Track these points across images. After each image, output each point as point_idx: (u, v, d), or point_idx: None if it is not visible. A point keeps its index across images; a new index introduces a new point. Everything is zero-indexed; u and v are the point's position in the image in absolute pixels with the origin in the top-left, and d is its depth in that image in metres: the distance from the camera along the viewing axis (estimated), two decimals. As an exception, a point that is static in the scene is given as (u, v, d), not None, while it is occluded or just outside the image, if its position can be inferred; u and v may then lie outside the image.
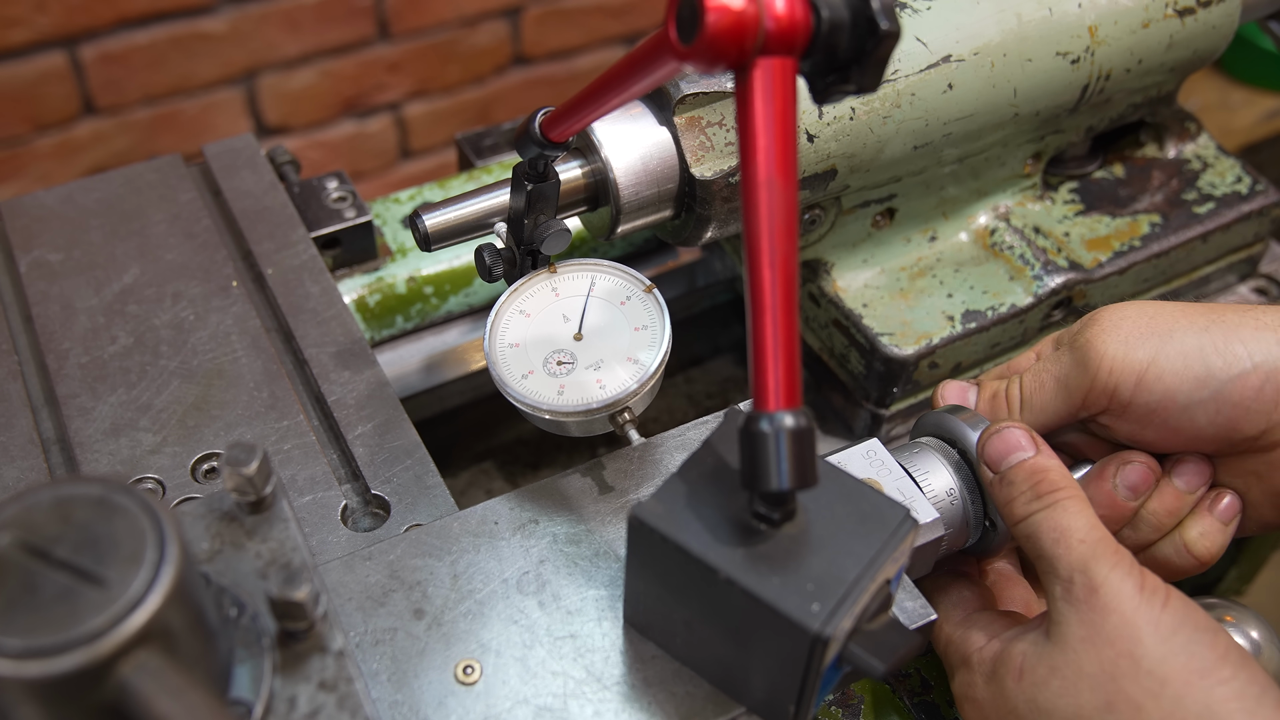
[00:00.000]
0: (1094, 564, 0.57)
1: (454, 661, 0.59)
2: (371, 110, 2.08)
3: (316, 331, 0.81)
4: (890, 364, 0.83)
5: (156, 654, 0.42)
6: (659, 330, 0.69)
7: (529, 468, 1.02)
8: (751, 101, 0.48)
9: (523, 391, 0.67)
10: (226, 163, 0.94)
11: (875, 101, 0.77)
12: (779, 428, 0.50)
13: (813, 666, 0.52)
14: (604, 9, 2.15)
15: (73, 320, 0.81)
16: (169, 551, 0.43)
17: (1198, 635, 0.55)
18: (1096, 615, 0.56)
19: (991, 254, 0.89)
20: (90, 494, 0.44)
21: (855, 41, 0.48)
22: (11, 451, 0.73)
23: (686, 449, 0.69)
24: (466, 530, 0.65)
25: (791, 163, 0.49)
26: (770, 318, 0.50)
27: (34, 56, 1.73)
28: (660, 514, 0.55)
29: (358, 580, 0.62)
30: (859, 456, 0.68)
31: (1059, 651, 0.57)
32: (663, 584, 0.57)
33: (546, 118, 0.65)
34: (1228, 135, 2.24)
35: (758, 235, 0.49)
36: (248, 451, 0.52)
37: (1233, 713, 0.53)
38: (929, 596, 0.67)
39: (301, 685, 0.49)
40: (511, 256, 0.74)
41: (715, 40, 0.46)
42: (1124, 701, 0.54)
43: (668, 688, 0.58)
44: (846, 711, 0.68)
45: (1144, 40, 0.85)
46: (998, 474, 0.64)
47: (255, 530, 0.54)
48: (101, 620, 0.41)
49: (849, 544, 0.54)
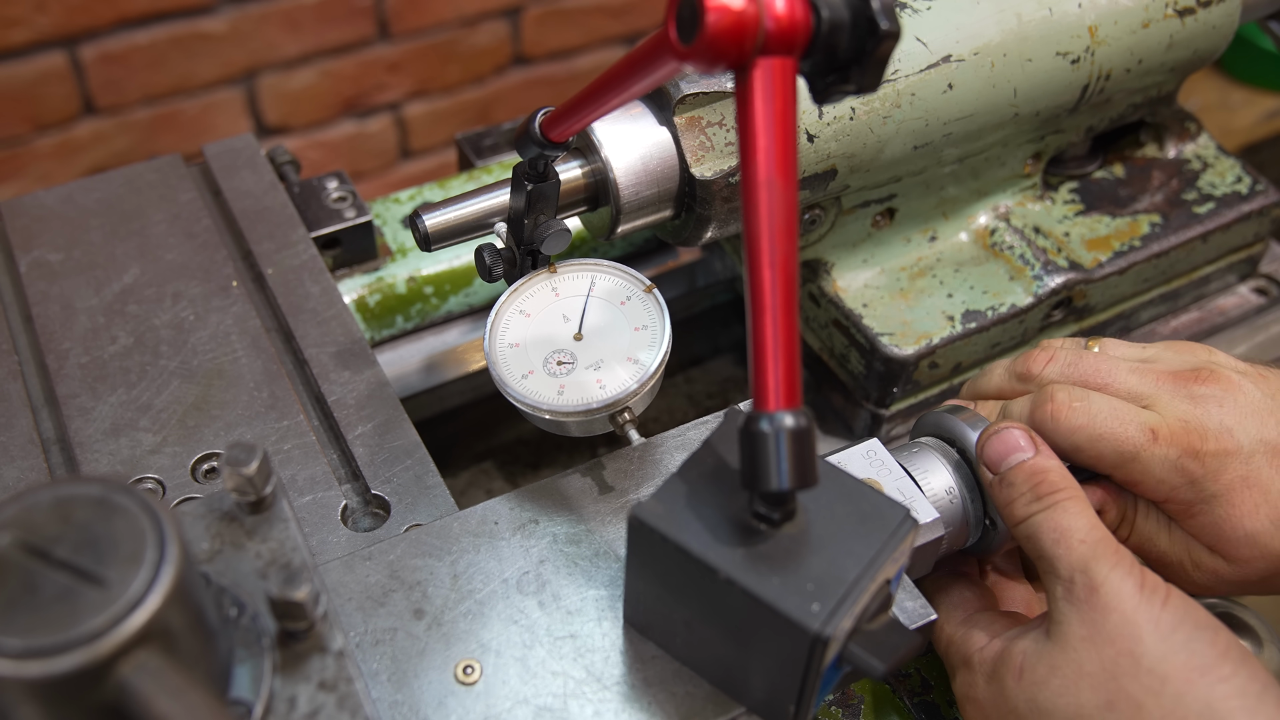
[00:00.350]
0: (1094, 564, 0.57)
1: (454, 661, 0.59)
2: (371, 110, 2.08)
3: (316, 331, 0.81)
4: (890, 364, 0.83)
5: (156, 654, 0.42)
6: (659, 330, 0.69)
7: (529, 468, 1.02)
8: (751, 101, 0.48)
9: (523, 391, 0.67)
10: (226, 163, 0.94)
11: (875, 101, 0.77)
12: (779, 428, 0.50)
13: (813, 666, 0.52)
14: (604, 9, 2.15)
15: (73, 320, 0.81)
16: (169, 551, 0.43)
17: (1198, 633, 0.55)
18: (1097, 614, 0.56)
19: (992, 254, 0.89)
20: (90, 494, 0.44)
21: (855, 41, 0.48)
22: (11, 451, 0.73)
23: (686, 449, 0.69)
24: (466, 530, 0.65)
25: (792, 163, 0.49)
26: (770, 318, 0.50)
27: (34, 56, 1.73)
28: (660, 514, 0.55)
29: (358, 580, 0.62)
30: (859, 456, 0.68)
31: (1059, 651, 0.57)
32: (663, 584, 0.57)
33: (546, 118, 0.65)
34: (1228, 135, 2.24)
35: (758, 235, 0.49)
36: (248, 451, 0.52)
37: (1233, 710, 0.53)
38: (930, 597, 0.67)
39: (301, 685, 0.49)
40: (511, 256, 0.74)
41: (715, 40, 0.46)
42: (1124, 700, 0.54)
43: (668, 688, 0.58)
44: (846, 711, 0.68)
45: (1144, 40, 0.85)
46: (997, 475, 0.64)
47: (255, 530, 0.54)
48: (101, 620, 0.41)
49: (849, 544, 0.54)
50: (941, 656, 0.66)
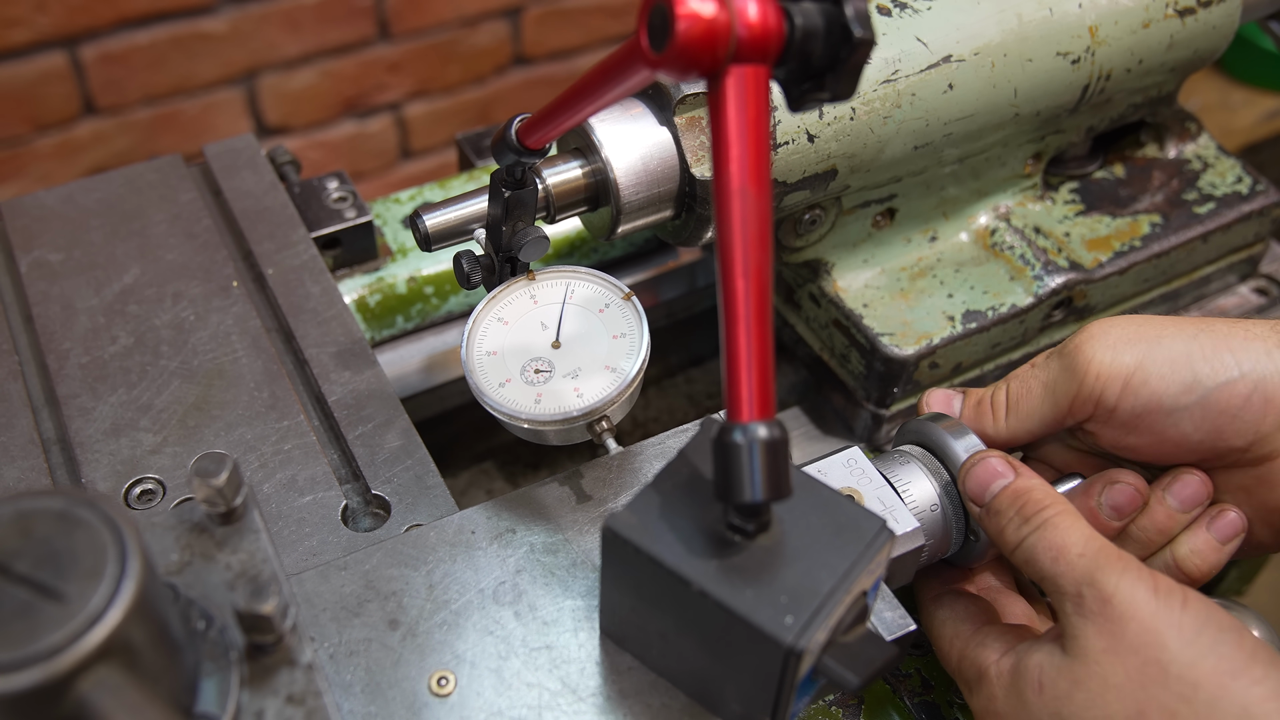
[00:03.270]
0: (1100, 574, 0.56)
1: (428, 673, 0.58)
2: (372, 110, 2.08)
3: (317, 331, 0.81)
4: (891, 364, 0.83)
5: (117, 670, 0.41)
6: (637, 338, 0.68)
7: (529, 468, 1.02)
8: (724, 109, 0.48)
9: (499, 400, 0.66)
10: (227, 163, 0.94)
11: (876, 101, 0.77)
12: (752, 439, 0.49)
13: (787, 679, 0.52)
14: (604, 9, 2.15)
15: (73, 320, 0.81)
16: (130, 566, 0.42)
17: (1223, 635, 0.54)
18: (1115, 625, 0.55)
19: (992, 254, 0.89)
20: (51, 508, 0.44)
21: (830, 49, 0.48)
22: (12, 451, 0.73)
23: (666, 457, 0.68)
24: (443, 540, 0.64)
25: (765, 171, 0.49)
26: (744, 328, 0.49)
27: (34, 56, 1.73)
28: (633, 525, 0.54)
29: (333, 590, 0.62)
30: (839, 465, 0.67)
31: (1080, 664, 0.55)
32: (637, 595, 0.56)
33: (523, 125, 0.64)
34: (1228, 135, 2.24)
35: (731, 245, 0.49)
36: (217, 462, 0.52)
37: (1271, 713, 0.52)
38: (931, 614, 0.66)
39: (269, 699, 0.49)
40: (490, 263, 0.73)
41: (686, 48, 0.46)
42: (1156, 709, 0.53)
43: (644, 699, 0.58)
44: (847, 712, 0.68)
45: (1144, 40, 0.85)
46: (983, 506, 0.63)
47: (226, 541, 0.53)
48: (60, 636, 0.40)
49: (824, 555, 0.53)
50: (953, 675, 0.64)
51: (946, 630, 0.65)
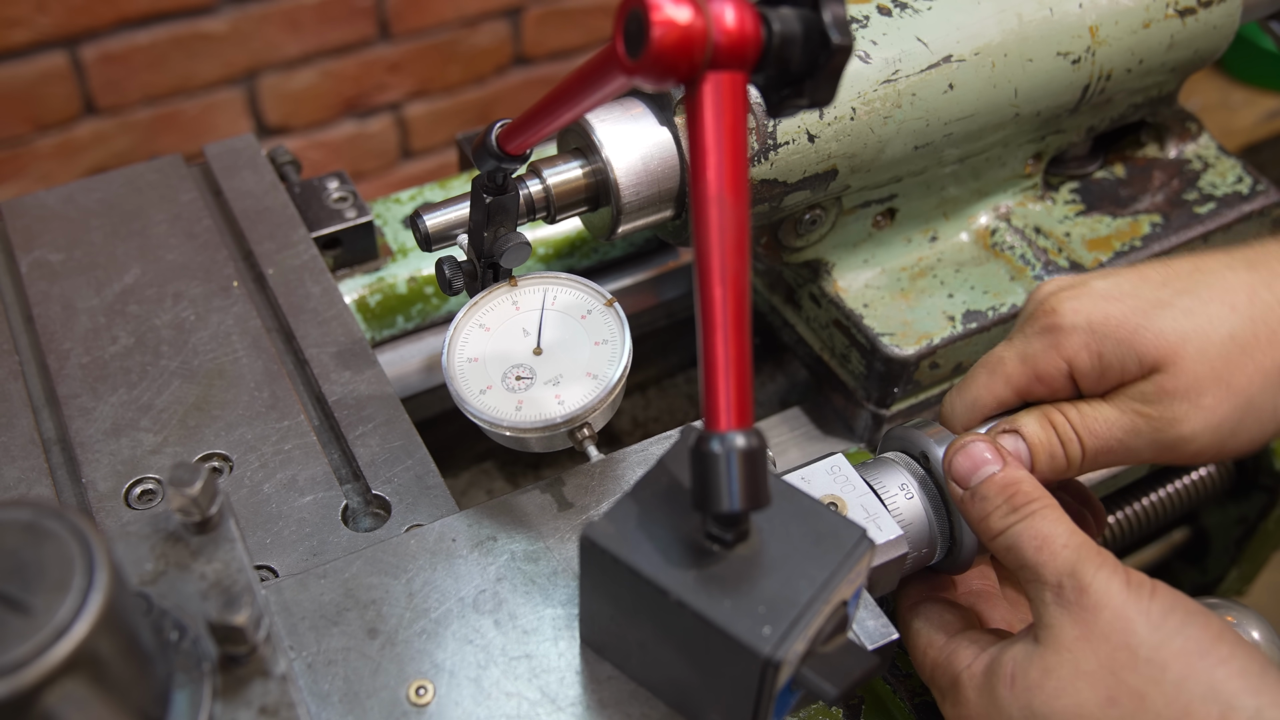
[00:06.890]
0: (1080, 566, 0.57)
1: (407, 682, 0.58)
2: (372, 110, 2.08)
3: (317, 331, 0.81)
4: (891, 364, 0.83)
5: (84, 683, 0.41)
6: (619, 345, 0.68)
7: (529, 467, 1.02)
8: (701, 115, 0.48)
9: (480, 407, 0.66)
10: (227, 163, 0.94)
11: (876, 101, 0.77)
12: (730, 448, 0.49)
13: (765, 690, 0.51)
14: (604, 9, 2.15)
15: (73, 320, 0.81)
16: (98, 578, 0.42)
17: (1190, 618, 0.55)
18: (1088, 614, 0.56)
19: (992, 254, 0.89)
20: (19, 519, 0.43)
21: (808, 55, 0.47)
22: (12, 451, 0.73)
23: (648, 465, 0.68)
24: (424, 548, 0.64)
25: (742, 178, 0.49)
26: (721, 336, 0.49)
27: (35, 57, 1.73)
28: (611, 534, 0.53)
29: (312, 598, 0.61)
30: (823, 472, 0.67)
31: (1052, 653, 0.57)
32: (615, 605, 0.56)
33: (503, 131, 0.64)
34: (1228, 135, 2.24)
35: (708, 252, 0.48)
36: (191, 472, 0.51)
37: (1237, 691, 0.53)
38: (909, 622, 0.66)
39: (242, 710, 0.48)
40: (472, 269, 0.73)
41: (662, 55, 0.46)
42: (1125, 693, 0.54)
43: (623, 709, 0.58)
44: (847, 712, 0.68)
45: (1145, 40, 0.85)
46: (967, 490, 0.63)
47: (201, 551, 0.53)
48: (25, 649, 0.40)
49: (803, 565, 0.53)
50: (928, 684, 0.65)
51: (920, 640, 0.65)
